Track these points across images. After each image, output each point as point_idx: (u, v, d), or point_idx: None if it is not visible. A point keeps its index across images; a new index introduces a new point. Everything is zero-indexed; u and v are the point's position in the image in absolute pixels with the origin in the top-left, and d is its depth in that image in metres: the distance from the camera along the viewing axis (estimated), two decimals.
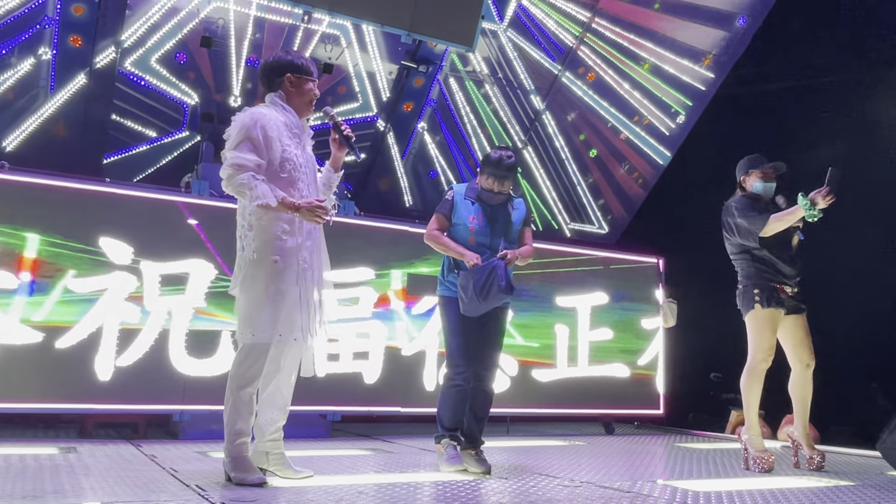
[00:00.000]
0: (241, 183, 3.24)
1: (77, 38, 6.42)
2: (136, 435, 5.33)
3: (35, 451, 4.26)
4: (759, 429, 4.39)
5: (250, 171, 3.26)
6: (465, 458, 3.91)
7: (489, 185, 4.03)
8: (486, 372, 3.99)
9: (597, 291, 6.77)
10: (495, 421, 6.45)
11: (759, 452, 4.25)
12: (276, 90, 3.55)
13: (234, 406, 3.32)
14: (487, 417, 4.04)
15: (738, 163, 4.60)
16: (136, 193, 5.24)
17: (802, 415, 4.43)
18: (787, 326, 4.40)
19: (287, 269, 3.35)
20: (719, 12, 7.36)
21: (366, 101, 7.73)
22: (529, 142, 8.41)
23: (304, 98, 3.57)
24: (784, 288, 4.36)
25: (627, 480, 3.79)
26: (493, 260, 3.87)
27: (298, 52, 3.68)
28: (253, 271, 3.33)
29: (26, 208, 4.82)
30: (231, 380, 3.35)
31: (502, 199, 4.07)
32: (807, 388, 4.41)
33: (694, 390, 7.33)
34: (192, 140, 7.26)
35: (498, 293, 3.81)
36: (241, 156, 3.27)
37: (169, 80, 6.99)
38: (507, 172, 3.99)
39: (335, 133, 3.62)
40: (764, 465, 4.21)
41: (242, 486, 3.23)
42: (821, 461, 4.31)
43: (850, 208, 6.63)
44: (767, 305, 4.30)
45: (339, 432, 5.92)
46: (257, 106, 3.51)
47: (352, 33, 7.20)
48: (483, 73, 7.96)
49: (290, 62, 3.56)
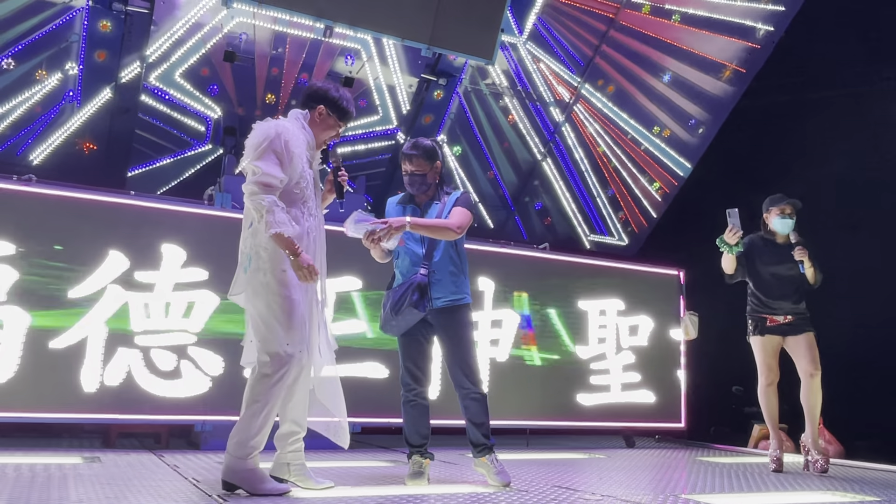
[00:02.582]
0: (262, 205, 3.24)
1: (103, 53, 6.54)
2: (159, 445, 5.38)
3: (59, 460, 4.31)
4: (781, 436, 5.11)
5: (275, 190, 3.27)
6: (484, 467, 3.89)
7: (404, 169, 4.00)
8: (465, 380, 3.90)
9: (615, 300, 6.75)
10: (515, 434, 6.44)
11: (772, 454, 4.95)
12: (305, 110, 3.58)
13: (261, 419, 3.29)
14: (488, 419, 3.94)
15: (764, 202, 5.19)
16: (160, 206, 5.30)
17: (812, 421, 4.95)
18: (791, 345, 5.04)
19: (306, 284, 3.39)
20: (739, 25, 7.35)
21: (386, 113, 7.79)
22: (549, 154, 8.42)
23: (323, 136, 3.60)
24: (774, 318, 5.02)
25: (649, 494, 3.77)
26: (414, 276, 3.84)
27: (349, 96, 3.63)
28: (265, 285, 3.33)
29: (53, 220, 4.89)
30: (258, 395, 3.30)
31: (427, 193, 4.01)
32: (813, 395, 4.93)
33: (716, 403, 7.27)
34: (214, 153, 7.34)
35: (409, 309, 3.79)
36: (269, 173, 3.26)
37: (192, 94, 7.08)
38: (411, 150, 3.96)
39: (332, 176, 3.65)
40: (773, 467, 4.92)
41: (264, 496, 3.25)
42: (825, 465, 4.83)
43: (879, 219, 6.59)
44: (755, 333, 5.07)
45: (360, 444, 5.93)
46: (278, 118, 3.54)
47: (372, 47, 7.26)
48: (502, 86, 7.99)
49: (334, 101, 3.57)
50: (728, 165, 7.69)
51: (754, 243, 5.14)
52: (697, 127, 7.86)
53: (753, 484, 4.32)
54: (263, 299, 3.34)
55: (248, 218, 3.43)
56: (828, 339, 6.55)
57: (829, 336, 6.51)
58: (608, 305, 6.69)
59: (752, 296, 5.13)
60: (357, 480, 3.96)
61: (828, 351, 6.31)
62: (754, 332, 5.07)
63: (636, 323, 6.81)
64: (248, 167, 3.34)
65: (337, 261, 4.66)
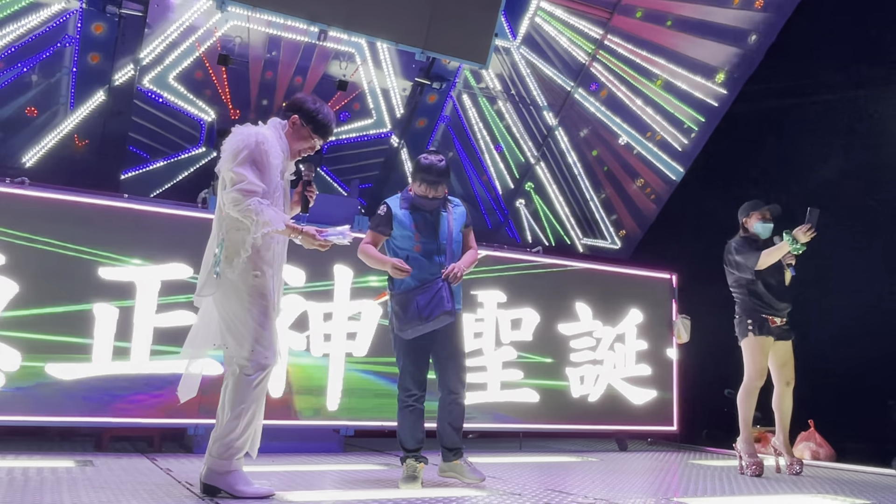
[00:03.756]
0: (249, 209, 3.25)
1: (96, 55, 6.54)
2: (151, 448, 5.37)
3: (52, 464, 4.30)
4: (752, 439, 5.05)
5: (257, 196, 3.28)
6: (458, 469, 3.97)
7: (423, 192, 4.02)
8: (460, 386, 4.02)
9: (610, 306, 6.77)
10: (508, 437, 6.45)
11: (752, 459, 4.89)
12: (284, 119, 3.58)
13: (245, 421, 3.32)
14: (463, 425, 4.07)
15: (741, 207, 5.27)
16: (153, 209, 5.29)
17: (784, 426, 5.10)
18: (775, 351, 5.08)
19: (272, 288, 3.41)
20: (732, 29, 7.39)
21: (380, 117, 7.80)
22: (542, 157, 8.44)
23: (297, 147, 3.58)
24: (774, 318, 5.03)
25: (641, 497, 3.78)
26: (437, 280, 3.89)
27: (328, 111, 3.62)
28: (245, 288, 3.34)
29: (45, 223, 4.88)
30: (243, 398, 3.31)
31: (437, 203, 4.08)
32: (787, 403, 5.11)
33: (708, 407, 7.29)
34: (208, 156, 7.34)
35: (443, 316, 3.84)
36: (254, 182, 3.28)
37: (186, 97, 7.08)
38: (438, 178, 3.99)
39: (301, 188, 3.64)
40: (756, 471, 4.84)
41: (251, 498, 3.26)
42: (799, 469, 4.97)
43: (871, 225, 6.64)
44: (759, 334, 5.01)
45: (352, 447, 5.94)
46: (259, 124, 3.52)
47: (366, 50, 7.28)
48: (496, 90, 8.02)
49: (309, 112, 3.55)
50: (720, 170, 7.73)
51: (750, 244, 5.14)
52: (689, 131, 7.89)
53: (745, 487, 4.35)
54: (239, 302, 3.35)
55: (220, 221, 3.42)
56: (818, 343, 6.60)
57: (819, 339, 6.57)
58: (601, 308, 6.71)
59: (755, 295, 5.06)
60: (349, 484, 3.96)
61: (818, 354, 6.37)
62: (756, 332, 5.00)
63: (627, 327, 6.83)
64: (229, 174, 3.33)
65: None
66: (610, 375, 6.68)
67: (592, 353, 6.61)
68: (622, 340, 6.79)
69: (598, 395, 6.59)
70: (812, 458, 5.98)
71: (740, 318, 5.13)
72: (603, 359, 6.66)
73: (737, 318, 5.16)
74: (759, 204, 5.19)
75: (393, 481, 4.04)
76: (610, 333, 6.74)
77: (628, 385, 6.75)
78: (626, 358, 6.78)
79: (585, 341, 6.60)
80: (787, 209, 5.22)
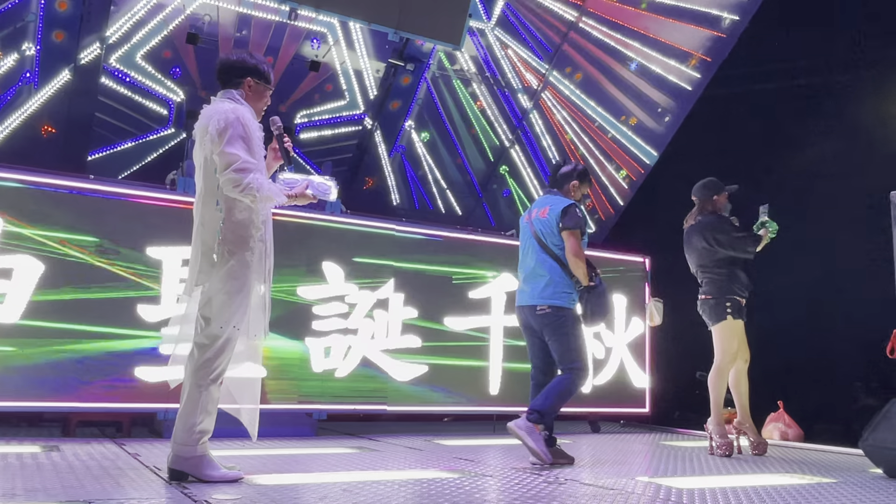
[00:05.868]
0: (250, 186, 3.21)
1: (61, 33, 6.37)
2: (120, 434, 5.30)
3: (18, 449, 4.22)
4: (723, 420, 5.06)
5: (252, 172, 3.24)
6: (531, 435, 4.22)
7: (587, 192, 4.81)
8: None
9: None
10: (482, 419, 6.46)
11: (723, 440, 4.94)
12: (233, 89, 3.49)
13: (203, 402, 3.25)
14: None
15: (704, 185, 5.24)
16: (120, 190, 5.19)
17: (744, 404, 5.14)
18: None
19: (257, 267, 3.36)
20: (706, 13, 7.40)
21: (353, 99, 7.72)
22: (517, 141, 8.42)
23: (259, 105, 3.54)
24: (744, 300, 5.06)
25: (611, 478, 3.80)
26: (601, 284, 4.57)
27: (261, 57, 3.61)
28: (228, 267, 3.29)
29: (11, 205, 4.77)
30: (201, 375, 3.27)
31: None
32: (745, 381, 5.15)
33: (680, 389, 7.36)
34: (177, 137, 7.22)
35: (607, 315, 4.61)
36: (247, 160, 3.24)
37: (154, 76, 6.95)
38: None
39: (276, 143, 3.60)
40: (726, 451, 4.91)
41: (219, 483, 3.22)
42: (764, 447, 5.07)
43: (842, 210, 6.69)
44: (737, 317, 5.01)
45: (325, 431, 5.91)
46: (224, 101, 3.44)
47: (339, 31, 7.18)
48: (470, 72, 7.96)
49: (255, 67, 3.51)
50: (694, 153, 7.75)
51: (733, 224, 5.11)
52: (664, 115, 7.90)
53: (714, 467, 4.39)
54: (220, 281, 3.29)
55: (204, 206, 3.36)
56: (786, 324, 6.66)
57: (787, 320, 6.63)
58: None
59: (734, 277, 4.98)
60: (322, 466, 3.94)
61: (787, 336, 6.42)
62: (734, 316, 4.96)
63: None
64: (220, 156, 3.24)
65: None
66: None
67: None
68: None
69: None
70: (781, 439, 6.06)
71: (716, 300, 4.99)
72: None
73: (711, 300, 5.02)
74: (721, 183, 5.21)
75: (366, 464, 4.03)
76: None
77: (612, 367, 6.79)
78: (599, 342, 6.82)
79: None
80: (759, 194, 5.24)
